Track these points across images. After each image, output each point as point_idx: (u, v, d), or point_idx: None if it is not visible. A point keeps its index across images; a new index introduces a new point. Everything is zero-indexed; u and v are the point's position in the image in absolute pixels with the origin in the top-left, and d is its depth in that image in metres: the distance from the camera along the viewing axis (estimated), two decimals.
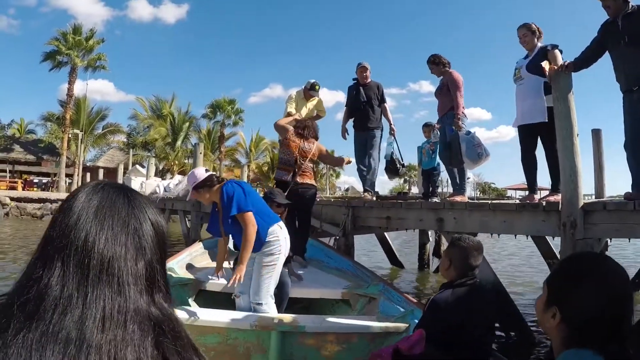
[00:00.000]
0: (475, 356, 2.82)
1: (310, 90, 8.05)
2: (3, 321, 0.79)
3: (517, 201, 6.33)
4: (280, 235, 4.27)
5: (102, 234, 0.84)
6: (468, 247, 2.97)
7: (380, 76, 7.71)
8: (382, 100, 8.09)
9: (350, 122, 8.26)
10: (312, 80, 8.17)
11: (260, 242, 4.19)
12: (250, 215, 4.11)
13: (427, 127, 8.44)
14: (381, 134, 8.09)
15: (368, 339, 4.05)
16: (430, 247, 12.32)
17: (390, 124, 8.10)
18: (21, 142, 41.75)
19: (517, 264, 13.35)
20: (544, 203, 5.39)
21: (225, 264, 4.72)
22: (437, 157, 8.20)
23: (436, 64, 7.22)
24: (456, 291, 2.90)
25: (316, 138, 6.36)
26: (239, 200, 4.12)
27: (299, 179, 6.04)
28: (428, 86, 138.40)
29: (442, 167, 8.08)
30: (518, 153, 6.19)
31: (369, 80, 8.06)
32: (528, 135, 5.99)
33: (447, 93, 7.01)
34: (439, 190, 8.59)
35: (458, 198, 6.88)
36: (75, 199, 0.88)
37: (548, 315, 1.40)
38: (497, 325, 3.83)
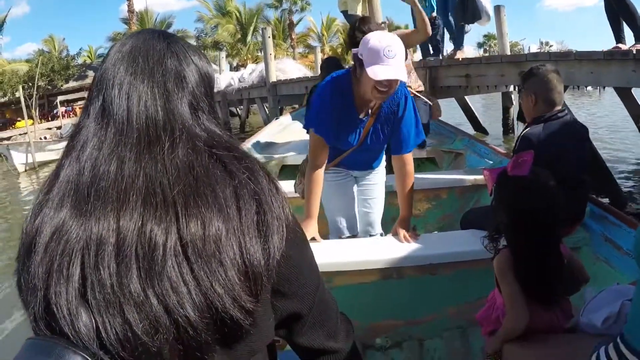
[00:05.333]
0: (572, 195, 2.58)
1: None
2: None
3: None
4: None
5: (137, 68, 0.82)
6: (547, 71, 2.66)
7: None
8: None
9: None
10: None
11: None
12: None
13: None
14: None
15: (457, 194, 3.96)
16: (514, 110, 11.80)
17: None
18: (93, 67, 41.57)
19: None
20: (634, 51, 4.88)
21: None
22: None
23: None
24: (548, 125, 2.63)
25: None
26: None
27: None
28: None
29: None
30: (601, 19, 5.64)
31: None
32: None
33: None
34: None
35: (459, 54, 7.12)
36: (112, 47, 0.88)
37: None
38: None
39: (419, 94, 4.15)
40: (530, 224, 1.79)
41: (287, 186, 3.67)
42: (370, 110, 2.71)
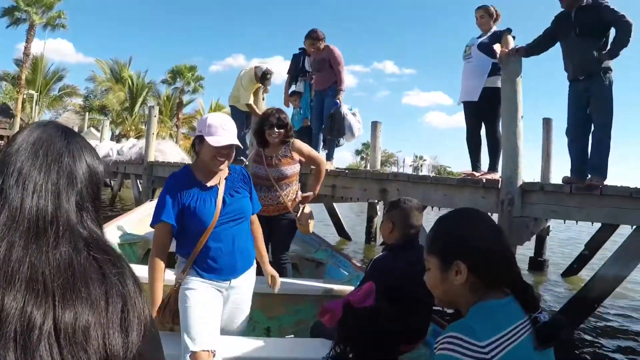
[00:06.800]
0: (417, 318, 2.82)
1: (262, 80, 7.85)
2: None
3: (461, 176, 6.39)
4: None
5: (36, 160, 0.92)
6: (409, 207, 2.92)
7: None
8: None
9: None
10: (265, 67, 7.81)
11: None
12: None
13: (296, 95, 8.23)
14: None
15: (313, 301, 4.09)
16: (377, 221, 12.44)
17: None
18: None
19: None
20: (484, 180, 5.50)
21: None
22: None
23: (320, 39, 7.15)
24: (398, 253, 2.87)
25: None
26: None
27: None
28: (392, 66, 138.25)
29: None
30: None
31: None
32: (469, 113, 6.14)
33: (329, 68, 7.09)
34: None
35: (328, 166, 7.13)
36: (20, 133, 0.98)
37: (451, 276, 1.38)
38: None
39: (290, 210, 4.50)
40: (374, 349, 2.02)
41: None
42: (218, 180, 2.91)
